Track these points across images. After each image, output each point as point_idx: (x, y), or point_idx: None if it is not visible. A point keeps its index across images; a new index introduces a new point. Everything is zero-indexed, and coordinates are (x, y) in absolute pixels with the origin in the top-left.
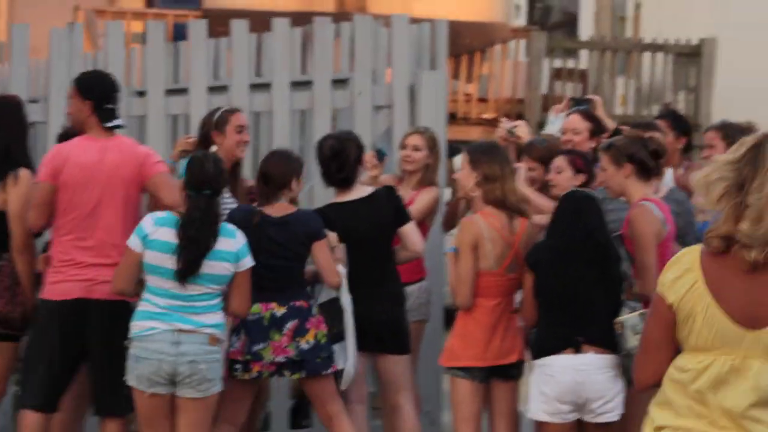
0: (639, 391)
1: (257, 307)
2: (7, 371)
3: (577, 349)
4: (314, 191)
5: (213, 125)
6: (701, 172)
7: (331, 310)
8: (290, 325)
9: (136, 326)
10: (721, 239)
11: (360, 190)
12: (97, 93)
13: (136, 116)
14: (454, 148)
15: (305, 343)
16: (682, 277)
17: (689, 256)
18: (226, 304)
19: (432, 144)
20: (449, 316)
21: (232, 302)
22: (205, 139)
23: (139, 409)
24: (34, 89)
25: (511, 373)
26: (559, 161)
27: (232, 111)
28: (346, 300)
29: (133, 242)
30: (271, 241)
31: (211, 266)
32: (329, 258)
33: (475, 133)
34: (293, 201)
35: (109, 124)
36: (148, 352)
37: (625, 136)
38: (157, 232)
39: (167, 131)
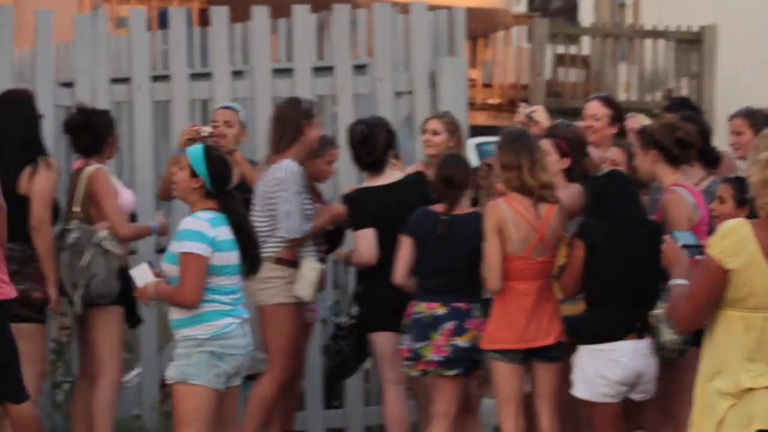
0: (681, 332)
1: (421, 307)
2: (43, 353)
3: (640, 335)
4: (340, 176)
5: (303, 116)
6: (753, 175)
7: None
8: (448, 325)
9: (213, 326)
10: None
11: (390, 175)
12: None
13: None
14: None
15: (464, 341)
16: (743, 248)
17: (743, 229)
18: None
19: (452, 128)
20: None
21: None
22: (295, 130)
23: (205, 410)
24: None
25: (553, 354)
26: (544, 144)
27: (314, 103)
28: None
29: (202, 249)
30: (447, 241)
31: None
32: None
33: (480, 118)
34: None
35: None
36: (234, 348)
37: (656, 122)
38: (219, 233)
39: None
